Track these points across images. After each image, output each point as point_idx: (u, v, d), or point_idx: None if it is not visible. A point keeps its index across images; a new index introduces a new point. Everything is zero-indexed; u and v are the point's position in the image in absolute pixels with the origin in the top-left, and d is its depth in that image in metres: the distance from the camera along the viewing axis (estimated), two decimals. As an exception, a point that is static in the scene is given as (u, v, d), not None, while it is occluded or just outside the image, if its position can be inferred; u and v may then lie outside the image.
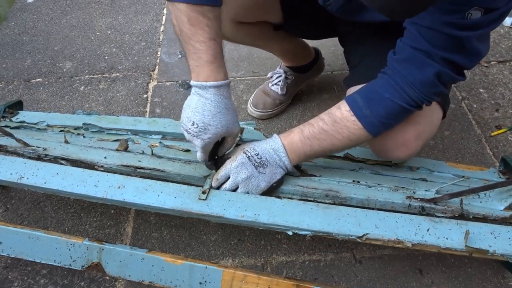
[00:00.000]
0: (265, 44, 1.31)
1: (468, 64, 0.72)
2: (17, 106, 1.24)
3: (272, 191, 0.87)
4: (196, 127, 0.79)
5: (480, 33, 0.67)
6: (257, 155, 0.83)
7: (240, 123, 0.94)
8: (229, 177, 0.85)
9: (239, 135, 1.01)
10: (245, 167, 0.84)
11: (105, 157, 0.96)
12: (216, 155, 0.89)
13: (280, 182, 0.87)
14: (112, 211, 1.14)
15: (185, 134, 0.83)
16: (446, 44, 0.68)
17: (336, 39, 1.24)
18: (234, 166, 0.84)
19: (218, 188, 0.87)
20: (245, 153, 0.84)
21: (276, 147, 0.84)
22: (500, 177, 1.01)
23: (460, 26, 0.65)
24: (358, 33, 1.06)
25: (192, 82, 0.79)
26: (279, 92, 1.39)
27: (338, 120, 0.80)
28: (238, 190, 0.86)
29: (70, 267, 0.83)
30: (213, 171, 0.90)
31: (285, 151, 0.84)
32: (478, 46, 0.69)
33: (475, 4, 0.63)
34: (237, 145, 0.93)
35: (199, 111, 0.78)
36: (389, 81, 0.75)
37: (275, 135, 0.86)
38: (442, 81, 0.73)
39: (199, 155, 0.85)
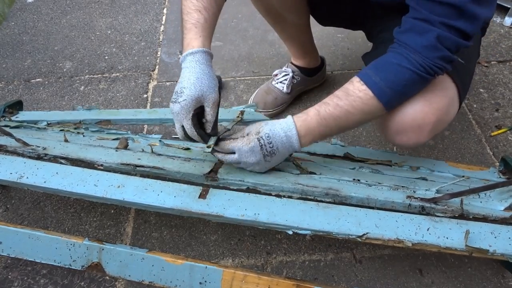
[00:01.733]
0: (287, 28, 1.30)
1: (469, 28, 0.73)
2: (17, 106, 1.24)
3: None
4: (175, 94, 0.81)
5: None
6: (270, 143, 0.83)
7: (241, 106, 0.98)
8: (235, 152, 0.86)
9: (240, 116, 1.01)
10: (255, 154, 0.84)
11: (105, 156, 0.96)
12: (203, 130, 0.85)
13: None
14: (112, 211, 1.14)
15: (170, 106, 0.83)
16: (444, 11, 0.71)
17: (336, 39, 1.24)
18: (245, 150, 0.84)
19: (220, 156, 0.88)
20: (259, 140, 0.83)
21: (290, 134, 0.84)
22: (500, 177, 1.01)
23: None
24: (378, 13, 1.07)
25: (179, 59, 0.84)
26: (284, 90, 1.39)
27: (351, 92, 0.81)
28: (236, 165, 0.88)
29: (70, 267, 0.83)
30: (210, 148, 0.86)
31: (297, 138, 0.84)
32: (477, 10, 0.71)
33: None
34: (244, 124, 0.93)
35: (180, 80, 0.82)
36: (396, 52, 0.78)
37: (289, 118, 0.85)
38: (445, 45, 0.74)
39: (185, 127, 0.83)
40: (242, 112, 1.08)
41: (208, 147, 0.85)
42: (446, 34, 0.72)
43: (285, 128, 0.84)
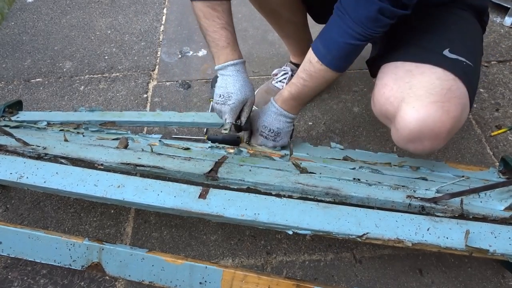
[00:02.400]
0: (283, 25, 1.32)
1: (408, 1, 0.80)
2: (17, 106, 1.24)
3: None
4: (222, 98, 0.98)
5: None
6: (270, 131, 1.04)
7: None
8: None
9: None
10: (266, 143, 1.07)
11: (105, 155, 0.96)
12: (240, 123, 1.05)
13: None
14: (112, 211, 1.14)
15: (215, 106, 1.00)
16: None
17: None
18: (260, 144, 1.07)
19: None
20: (261, 135, 1.05)
21: (278, 112, 1.03)
22: (500, 177, 1.01)
23: None
24: None
25: (215, 67, 0.99)
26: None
27: (313, 74, 0.95)
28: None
29: (70, 267, 0.83)
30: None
31: (285, 112, 1.03)
32: None
33: None
34: None
35: (223, 85, 0.98)
36: (341, 24, 0.86)
37: (272, 102, 1.04)
38: (385, 15, 0.81)
39: (228, 120, 1.01)
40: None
41: (224, 129, 1.02)
42: (386, 6, 0.79)
43: (273, 112, 1.04)
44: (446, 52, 0.86)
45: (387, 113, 0.87)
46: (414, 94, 0.80)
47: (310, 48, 0.94)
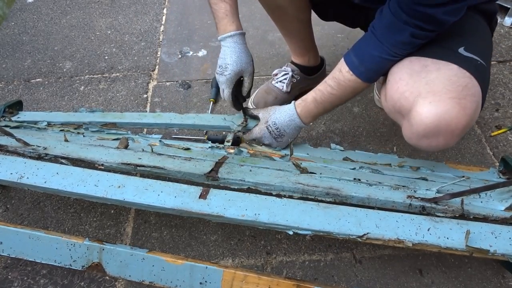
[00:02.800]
0: (287, 23, 1.32)
1: (437, 29, 0.83)
2: (17, 106, 1.24)
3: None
4: (220, 68, 1.03)
5: (447, 9, 0.79)
6: (277, 129, 1.05)
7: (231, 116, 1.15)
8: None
9: (245, 122, 1.14)
10: (266, 138, 1.07)
11: (106, 155, 0.96)
12: (240, 96, 1.10)
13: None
14: (112, 211, 1.14)
15: (216, 77, 1.05)
16: (421, 17, 0.80)
17: (336, 39, 1.24)
18: (259, 137, 1.08)
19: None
20: (267, 128, 1.06)
21: (293, 118, 1.04)
22: (500, 177, 1.01)
23: (430, 5, 0.78)
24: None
25: (218, 38, 1.03)
26: (284, 89, 1.39)
27: (342, 82, 0.95)
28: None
29: (71, 267, 0.83)
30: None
31: (300, 120, 1.03)
32: (447, 18, 0.81)
33: None
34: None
35: (222, 56, 1.03)
36: (377, 42, 0.89)
37: (292, 105, 1.04)
38: (419, 38, 0.84)
39: (225, 92, 1.06)
40: (246, 119, 1.15)
41: (227, 141, 1.10)
42: (418, 32, 0.83)
43: (289, 114, 1.04)
44: (461, 50, 0.86)
45: (401, 108, 0.85)
46: (431, 89, 0.80)
47: (342, 59, 0.96)
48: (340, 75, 0.95)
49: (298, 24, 1.30)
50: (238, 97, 1.10)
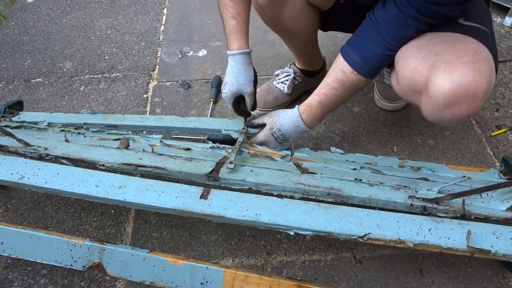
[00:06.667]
0: (297, 43, 1.32)
1: (439, 22, 0.85)
2: (17, 106, 1.24)
3: None
4: (222, 84, 1.07)
5: (456, 7, 0.83)
6: (282, 134, 1.06)
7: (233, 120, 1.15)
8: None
9: (246, 128, 1.13)
10: (271, 143, 1.09)
11: (106, 156, 0.96)
12: (244, 108, 1.13)
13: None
14: (112, 211, 1.14)
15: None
16: (431, 14, 0.82)
17: (337, 39, 1.24)
18: (264, 141, 1.09)
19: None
20: (272, 135, 1.07)
21: (298, 123, 1.05)
22: (501, 178, 1.01)
23: (443, 4, 0.80)
24: None
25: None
26: (285, 90, 1.39)
27: (346, 82, 0.96)
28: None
29: (71, 267, 0.83)
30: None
31: (304, 124, 1.05)
32: (452, 13, 0.84)
33: None
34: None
35: (226, 73, 1.06)
36: (377, 37, 0.90)
37: (296, 110, 1.06)
38: (420, 32, 0.87)
39: (228, 106, 1.10)
40: (246, 126, 1.14)
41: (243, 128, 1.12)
42: (424, 28, 0.85)
43: (293, 120, 1.05)
44: (461, 21, 0.87)
45: (415, 85, 0.84)
46: (443, 58, 0.79)
47: (341, 59, 0.96)
48: (344, 76, 0.96)
49: (306, 42, 1.30)
50: (243, 109, 1.13)
